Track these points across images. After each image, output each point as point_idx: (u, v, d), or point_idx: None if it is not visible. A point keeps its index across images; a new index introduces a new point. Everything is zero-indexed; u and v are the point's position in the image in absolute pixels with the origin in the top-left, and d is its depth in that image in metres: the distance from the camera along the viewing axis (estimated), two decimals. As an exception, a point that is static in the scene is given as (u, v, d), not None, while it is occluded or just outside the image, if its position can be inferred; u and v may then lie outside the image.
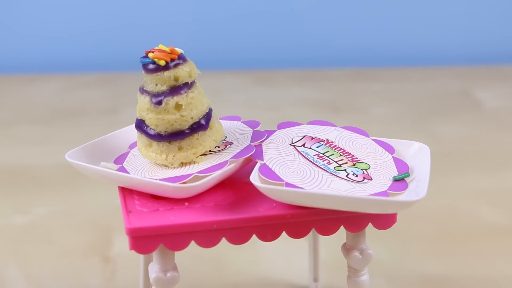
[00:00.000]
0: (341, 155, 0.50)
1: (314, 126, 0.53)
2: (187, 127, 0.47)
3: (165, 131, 0.47)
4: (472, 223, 0.76)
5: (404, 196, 0.45)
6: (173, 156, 0.48)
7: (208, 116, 0.49)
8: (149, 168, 0.48)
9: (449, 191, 0.83)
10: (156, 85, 0.47)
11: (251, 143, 0.49)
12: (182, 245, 0.44)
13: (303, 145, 0.50)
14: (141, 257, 0.57)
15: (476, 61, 1.36)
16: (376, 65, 1.34)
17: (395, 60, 1.35)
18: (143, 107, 0.48)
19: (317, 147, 0.50)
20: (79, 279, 0.66)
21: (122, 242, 0.72)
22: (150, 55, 0.47)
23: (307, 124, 0.54)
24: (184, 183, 0.45)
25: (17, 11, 1.31)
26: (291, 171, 0.46)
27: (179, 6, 1.32)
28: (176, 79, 0.47)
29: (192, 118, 0.47)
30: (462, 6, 1.35)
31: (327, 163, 0.48)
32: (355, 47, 1.35)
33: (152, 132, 0.48)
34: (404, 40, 1.36)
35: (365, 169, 0.48)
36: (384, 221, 0.47)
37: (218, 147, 0.50)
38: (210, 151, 0.49)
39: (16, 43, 1.33)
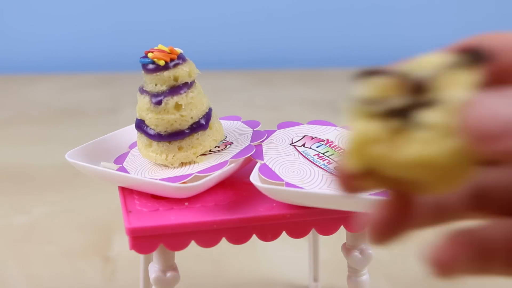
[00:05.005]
0: (341, 155, 0.49)
1: (314, 126, 0.53)
2: (187, 127, 0.47)
3: (165, 131, 0.47)
4: (471, 222, 0.76)
5: (404, 196, 0.45)
6: (173, 156, 0.48)
7: (208, 116, 0.49)
8: (149, 168, 0.48)
9: (449, 191, 0.83)
10: (156, 85, 0.47)
11: (251, 143, 0.49)
12: (182, 245, 0.44)
13: (303, 145, 0.50)
14: (141, 257, 0.57)
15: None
16: (375, 65, 1.34)
17: (395, 60, 1.35)
18: (143, 107, 0.48)
19: (317, 147, 0.50)
20: (79, 279, 0.66)
21: (122, 242, 0.71)
22: (150, 55, 0.47)
23: (307, 124, 0.54)
24: (184, 183, 0.45)
25: (17, 11, 1.31)
26: (291, 171, 0.46)
27: (179, 6, 1.32)
28: (175, 79, 0.47)
29: (192, 118, 0.47)
30: (461, 6, 1.35)
31: (327, 162, 0.48)
32: (355, 47, 1.35)
33: (152, 132, 0.48)
34: (404, 40, 1.36)
35: (365, 169, 0.48)
36: (384, 221, 0.47)
37: (218, 147, 0.50)
38: (210, 151, 0.49)
39: (16, 43, 1.33)
